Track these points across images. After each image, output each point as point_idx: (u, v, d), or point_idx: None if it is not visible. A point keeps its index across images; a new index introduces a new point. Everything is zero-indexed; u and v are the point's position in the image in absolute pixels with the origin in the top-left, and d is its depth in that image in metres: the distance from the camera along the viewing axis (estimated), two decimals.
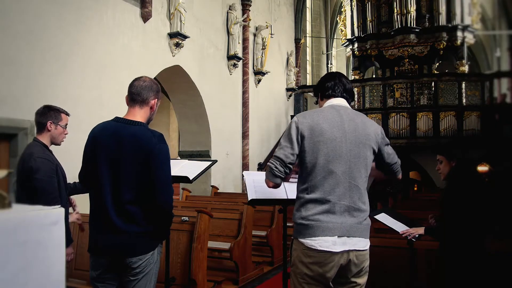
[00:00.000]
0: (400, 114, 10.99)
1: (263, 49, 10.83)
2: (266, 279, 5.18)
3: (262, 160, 11.01)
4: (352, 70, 13.39)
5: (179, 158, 10.16)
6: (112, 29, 6.37)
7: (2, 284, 0.86)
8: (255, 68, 10.80)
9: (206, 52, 8.84)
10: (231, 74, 9.81)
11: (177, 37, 7.58)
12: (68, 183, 2.90)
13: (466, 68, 11.87)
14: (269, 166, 2.08)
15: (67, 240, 2.66)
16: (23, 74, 4.94)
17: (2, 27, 4.71)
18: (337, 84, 2.20)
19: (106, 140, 2.10)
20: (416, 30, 11.81)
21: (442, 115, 10.72)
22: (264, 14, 11.35)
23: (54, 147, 2.88)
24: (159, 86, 2.28)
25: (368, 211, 2.08)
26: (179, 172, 2.72)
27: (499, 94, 11.11)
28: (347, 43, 13.14)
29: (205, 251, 3.99)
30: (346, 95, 2.21)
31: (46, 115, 2.76)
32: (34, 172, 2.57)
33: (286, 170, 2.05)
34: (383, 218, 3.20)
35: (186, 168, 2.78)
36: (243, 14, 10.06)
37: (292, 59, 12.90)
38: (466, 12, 11.89)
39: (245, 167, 10.16)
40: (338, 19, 15.60)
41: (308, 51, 16.27)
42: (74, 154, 3.18)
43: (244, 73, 10.31)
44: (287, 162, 2.03)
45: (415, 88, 11.23)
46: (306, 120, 2.06)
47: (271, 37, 11.21)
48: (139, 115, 2.16)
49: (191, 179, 2.67)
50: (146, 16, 6.98)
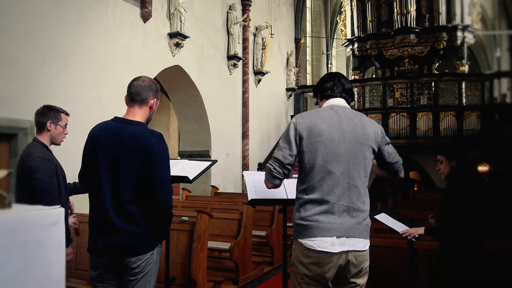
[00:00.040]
0: (400, 114, 10.99)
1: (263, 49, 10.82)
2: (266, 279, 5.18)
3: (262, 160, 11.01)
4: (352, 70, 13.40)
5: (179, 158, 10.16)
6: (112, 29, 6.37)
7: (2, 284, 0.86)
8: (255, 68, 10.80)
9: (206, 52, 8.84)
10: (231, 74, 9.81)
11: (177, 37, 7.59)
12: (68, 183, 2.90)
13: (466, 68, 11.87)
14: (268, 167, 2.10)
15: (67, 240, 2.66)
16: (23, 74, 4.94)
17: (2, 27, 4.71)
18: (336, 85, 2.20)
19: (106, 140, 2.10)
20: (416, 30, 11.81)
21: (442, 115, 10.72)
22: (264, 14, 11.34)
23: (54, 147, 2.88)
24: (158, 86, 2.28)
25: (368, 211, 2.07)
26: (179, 172, 2.72)
27: (499, 94, 11.11)
28: (347, 43, 13.14)
29: (205, 251, 3.99)
30: (345, 95, 2.21)
31: (45, 115, 2.76)
32: (34, 172, 2.57)
33: (285, 171, 2.07)
34: (383, 218, 3.20)
35: (186, 168, 2.79)
36: (243, 14, 10.06)
37: (292, 59, 12.89)
38: (466, 12, 11.89)
39: (245, 167, 10.16)
40: (338, 19, 15.60)
41: (308, 51, 16.26)
42: (74, 154, 3.18)
43: (244, 73, 10.31)
44: (286, 163, 2.05)
45: (415, 88, 11.23)
46: (304, 121, 2.07)
47: (271, 37, 11.21)
48: (139, 115, 2.16)
49: (191, 179, 2.67)
50: (146, 16, 6.98)
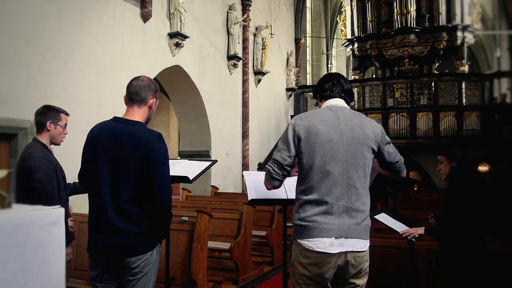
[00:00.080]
0: (400, 114, 10.99)
1: (263, 49, 10.82)
2: (266, 279, 5.18)
3: (262, 160, 11.01)
4: (352, 70, 13.40)
5: (179, 158, 10.16)
6: (112, 29, 6.37)
7: (2, 284, 0.85)
8: (255, 68, 10.80)
9: (206, 52, 8.84)
10: (231, 74, 9.81)
11: (177, 37, 7.59)
12: (68, 183, 2.90)
13: (466, 68, 11.87)
14: (267, 169, 2.12)
15: (66, 240, 2.66)
16: (23, 74, 4.94)
17: (2, 27, 4.71)
18: (335, 85, 2.21)
19: (105, 140, 2.10)
20: (416, 30, 11.81)
21: (442, 115, 10.72)
22: (264, 14, 11.34)
23: (54, 147, 2.88)
24: (157, 86, 2.27)
25: (368, 211, 2.07)
26: (179, 172, 2.72)
27: (499, 94, 11.10)
28: (347, 43, 13.14)
29: (205, 251, 3.99)
30: (344, 95, 2.21)
31: (45, 115, 2.77)
32: (33, 172, 2.57)
33: (284, 172, 2.09)
34: (383, 218, 3.20)
35: (186, 168, 2.78)
36: (243, 14, 10.06)
37: (292, 59, 12.89)
38: (466, 12, 11.89)
39: (245, 167, 10.16)
40: (338, 19, 15.60)
41: (308, 51, 16.26)
42: (74, 154, 3.18)
43: (244, 73, 10.31)
44: (285, 165, 2.07)
45: (415, 88, 11.23)
46: (302, 122, 2.07)
47: (271, 37, 11.21)
48: (138, 114, 2.16)
49: (191, 179, 2.67)
50: (146, 16, 6.98)
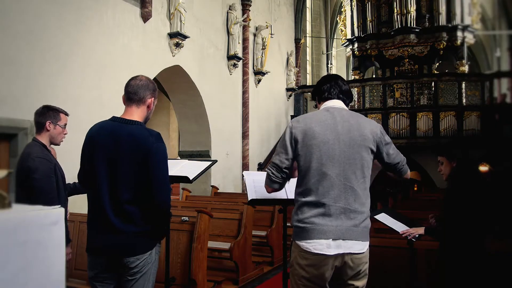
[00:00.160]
0: (400, 114, 10.99)
1: (263, 49, 10.82)
2: (266, 279, 5.18)
3: (262, 160, 11.01)
4: (352, 70, 13.40)
5: (179, 158, 10.16)
6: (112, 29, 6.37)
7: (2, 284, 0.85)
8: (255, 68, 10.80)
9: (206, 52, 8.84)
10: (231, 74, 9.81)
11: (177, 37, 7.59)
12: (68, 183, 2.90)
13: (466, 68, 11.87)
14: (266, 172, 2.14)
15: (66, 239, 2.66)
16: (23, 74, 4.94)
17: (2, 27, 4.71)
18: (333, 86, 2.21)
19: (104, 140, 2.10)
20: (416, 30, 11.81)
21: (442, 115, 10.72)
22: (264, 14, 11.34)
23: (54, 147, 2.87)
24: (155, 85, 2.28)
25: (368, 212, 2.06)
26: (179, 172, 2.71)
27: (499, 94, 11.10)
28: (347, 43, 13.14)
29: (205, 251, 3.99)
30: (343, 96, 2.22)
31: (45, 115, 2.77)
32: (32, 172, 2.57)
33: (283, 175, 2.10)
34: (383, 218, 3.20)
35: (186, 168, 2.78)
36: (243, 14, 10.05)
37: (292, 59, 12.89)
38: (466, 12, 11.89)
39: (245, 167, 10.16)
40: (338, 19, 15.60)
41: (308, 51, 16.26)
42: (74, 154, 3.18)
43: (244, 73, 10.31)
44: (283, 168, 2.09)
45: (415, 88, 11.23)
46: (299, 125, 2.08)
47: (271, 37, 11.21)
48: (136, 114, 2.17)
49: (191, 179, 2.67)
50: (146, 16, 6.98)
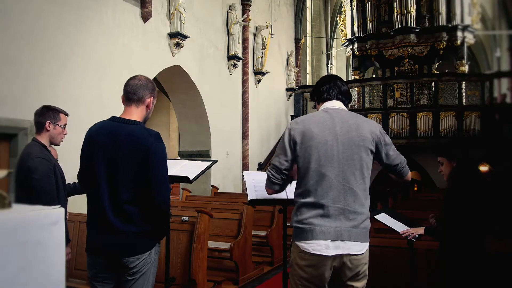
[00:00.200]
0: (400, 114, 10.99)
1: (263, 49, 10.82)
2: (266, 279, 5.18)
3: (262, 160, 11.01)
4: (352, 70, 13.40)
5: (179, 158, 10.16)
6: (112, 29, 6.37)
7: (2, 284, 0.85)
8: (255, 68, 10.80)
9: (206, 52, 8.84)
10: (231, 74, 9.81)
11: (177, 37, 7.59)
12: (68, 183, 2.90)
13: (466, 68, 11.87)
14: (267, 174, 2.15)
15: (65, 239, 2.66)
16: (23, 74, 4.94)
17: (2, 27, 4.71)
18: (332, 87, 2.21)
19: (103, 140, 2.10)
20: (416, 30, 11.81)
21: (442, 115, 10.72)
22: (264, 14, 11.34)
23: (55, 147, 2.87)
24: (154, 85, 2.27)
25: (367, 213, 2.05)
26: (179, 172, 2.71)
27: (499, 94, 11.10)
28: (347, 43, 13.14)
29: (205, 251, 3.99)
30: (342, 97, 2.21)
31: (44, 115, 2.77)
32: (32, 172, 2.57)
33: (283, 176, 2.11)
34: (383, 218, 3.20)
35: (186, 168, 2.78)
36: (243, 14, 10.05)
37: (292, 59, 12.89)
38: (466, 12, 11.89)
39: (245, 167, 10.15)
40: (338, 19, 15.60)
41: (308, 51, 16.26)
42: (74, 154, 3.18)
43: (244, 73, 10.31)
44: (282, 169, 2.10)
45: (415, 88, 11.23)
46: (298, 126, 2.09)
47: (271, 37, 11.21)
48: (136, 114, 2.16)
49: (191, 179, 2.67)
50: (146, 16, 6.98)
